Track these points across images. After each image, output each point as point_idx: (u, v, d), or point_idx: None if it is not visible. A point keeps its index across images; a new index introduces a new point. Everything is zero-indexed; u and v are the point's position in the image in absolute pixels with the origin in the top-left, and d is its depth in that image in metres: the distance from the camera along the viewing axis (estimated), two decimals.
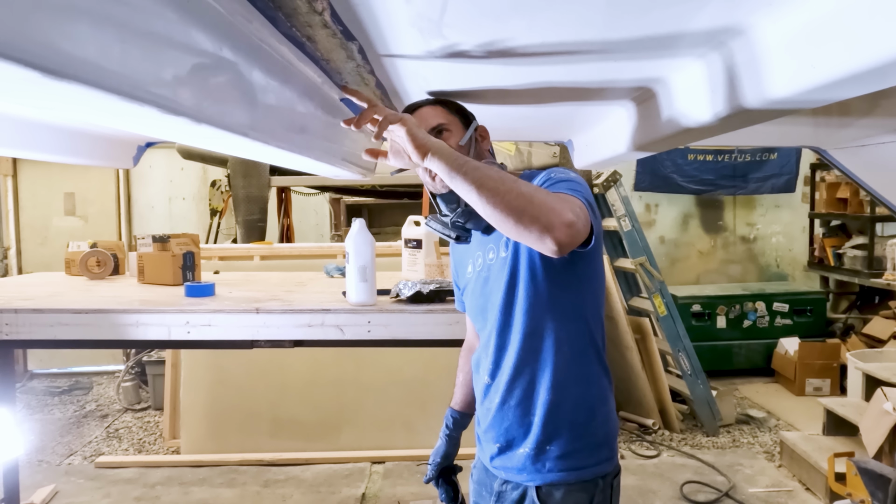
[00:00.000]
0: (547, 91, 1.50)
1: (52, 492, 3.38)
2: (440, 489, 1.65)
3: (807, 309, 5.43)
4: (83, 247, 2.86)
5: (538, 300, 1.30)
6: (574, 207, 1.12)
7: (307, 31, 1.05)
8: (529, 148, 4.61)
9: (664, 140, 1.50)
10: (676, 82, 1.36)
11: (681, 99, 1.35)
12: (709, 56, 1.18)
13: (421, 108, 1.38)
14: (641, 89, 1.49)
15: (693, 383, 4.22)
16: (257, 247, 4.14)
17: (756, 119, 1.18)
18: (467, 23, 1.03)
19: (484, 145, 1.43)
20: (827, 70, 0.85)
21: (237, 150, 1.32)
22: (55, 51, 0.58)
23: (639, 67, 1.30)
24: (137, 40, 0.71)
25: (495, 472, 1.40)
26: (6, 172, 5.79)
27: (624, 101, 1.61)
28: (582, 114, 1.80)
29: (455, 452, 1.65)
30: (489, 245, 1.38)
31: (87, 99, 0.65)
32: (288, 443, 3.76)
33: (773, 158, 5.72)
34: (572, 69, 1.31)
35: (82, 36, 0.62)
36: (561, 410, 1.31)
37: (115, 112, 0.75)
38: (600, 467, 1.33)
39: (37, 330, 1.95)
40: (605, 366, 1.38)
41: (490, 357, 1.39)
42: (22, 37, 0.54)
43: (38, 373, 5.73)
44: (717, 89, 1.16)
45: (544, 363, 1.32)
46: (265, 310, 1.94)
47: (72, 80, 0.60)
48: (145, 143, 2.54)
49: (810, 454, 3.37)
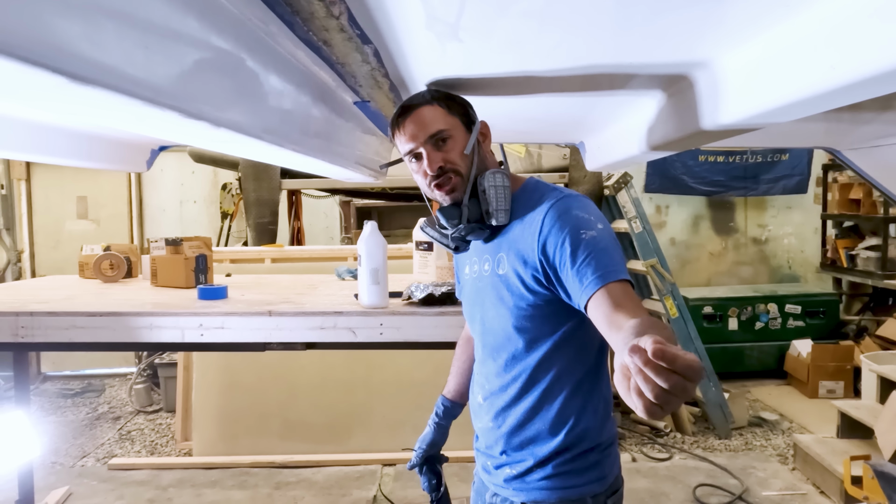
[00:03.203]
0: (567, 81, 1.41)
1: (66, 493, 3.40)
2: (423, 476, 1.62)
3: (819, 311, 5.39)
4: (96, 250, 2.88)
5: (535, 329, 1.24)
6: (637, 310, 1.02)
7: (323, 34, 1.05)
8: (539, 150, 4.61)
9: (696, 136, 1.41)
10: (725, 66, 1.21)
11: (729, 87, 1.19)
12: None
13: (419, 108, 1.25)
14: (677, 77, 1.37)
15: (705, 386, 4.20)
16: (268, 249, 4.15)
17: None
18: (484, 26, 1.03)
19: (486, 146, 1.33)
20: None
21: (253, 153, 1.33)
22: (81, 57, 0.59)
23: (676, 49, 1.16)
24: (160, 46, 0.72)
25: (487, 484, 1.40)
26: (20, 177, 5.84)
27: (654, 90, 1.49)
28: (598, 111, 1.78)
29: (442, 441, 1.62)
30: (485, 256, 1.32)
31: (111, 104, 0.66)
32: (299, 445, 3.77)
33: (784, 159, 5.69)
34: (597, 54, 1.22)
35: (107, 42, 0.63)
36: (554, 440, 1.26)
37: (138, 116, 0.75)
38: (589, 487, 1.27)
39: (52, 333, 1.97)
40: (606, 393, 1.31)
41: (484, 377, 1.36)
42: (49, 44, 0.55)
43: (51, 375, 5.77)
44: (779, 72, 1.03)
45: (541, 393, 1.26)
46: (277, 312, 1.95)
47: (97, 86, 0.61)
48: (159, 147, 2.56)
49: (824, 457, 3.34)
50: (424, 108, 1.26)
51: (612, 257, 1.10)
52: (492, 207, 1.24)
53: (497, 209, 1.24)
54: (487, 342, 1.33)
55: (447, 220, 1.29)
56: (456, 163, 1.26)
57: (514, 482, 1.31)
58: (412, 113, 1.26)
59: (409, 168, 1.33)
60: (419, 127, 1.25)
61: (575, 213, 1.16)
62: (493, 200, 1.24)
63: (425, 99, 1.27)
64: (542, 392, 1.26)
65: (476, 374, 1.43)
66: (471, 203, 1.26)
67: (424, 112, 1.25)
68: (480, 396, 1.38)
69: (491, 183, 1.25)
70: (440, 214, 1.29)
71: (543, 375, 1.25)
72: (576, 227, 1.13)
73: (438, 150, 1.25)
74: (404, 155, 1.30)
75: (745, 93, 1.14)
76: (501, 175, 1.27)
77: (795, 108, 1.04)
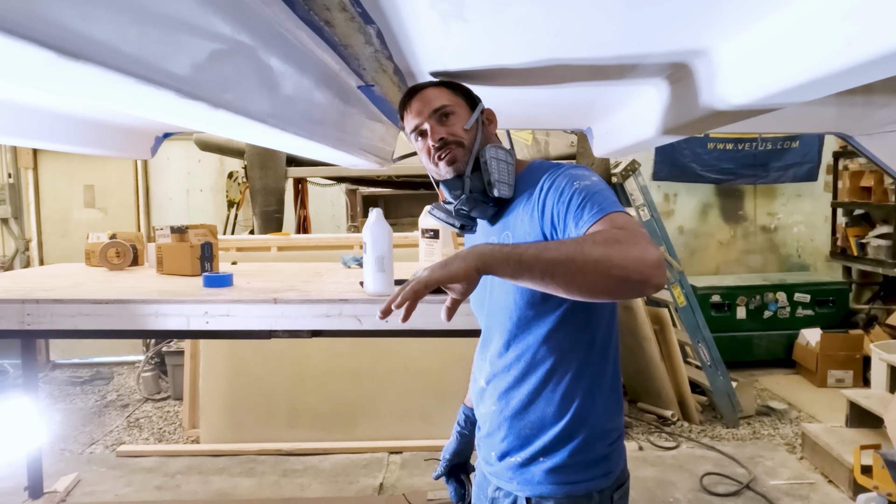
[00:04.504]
0: (572, 70, 1.43)
1: (75, 480, 3.43)
2: (449, 485, 1.61)
3: (829, 299, 5.35)
4: (103, 238, 2.88)
5: (540, 305, 1.21)
6: (641, 236, 1.00)
7: (325, 14, 1.03)
8: (546, 137, 4.57)
9: (699, 122, 1.42)
10: (722, 55, 1.24)
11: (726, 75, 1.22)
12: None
13: (425, 89, 1.32)
14: (677, 65, 1.39)
15: (713, 374, 4.17)
16: (274, 238, 4.14)
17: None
18: (490, 4, 1.01)
19: (490, 129, 1.36)
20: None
21: (255, 137, 1.31)
22: (71, 32, 0.57)
23: (674, 39, 1.20)
24: (155, 23, 0.70)
25: (490, 477, 1.36)
26: (27, 165, 5.85)
27: (655, 79, 1.52)
28: (604, 98, 1.76)
29: (467, 451, 1.60)
30: (491, 237, 1.31)
31: (103, 82, 0.64)
32: (306, 433, 3.78)
33: (794, 147, 5.62)
34: (601, 45, 1.25)
35: (99, 17, 0.61)
36: (559, 425, 1.23)
37: (132, 96, 0.73)
38: (595, 482, 1.24)
39: (58, 320, 1.97)
40: (614, 379, 1.29)
41: (487, 360, 1.34)
42: (37, 16, 0.53)
43: (60, 363, 5.81)
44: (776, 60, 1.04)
45: (544, 373, 1.24)
46: (283, 300, 1.94)
47: (88, 62, 0.59)
48: (163, 134, 2.54)
49: (833, 446, 3.32)
50: (430, 89, 1.32)
51: (606, 197, 1.12)
52: (494, 178, 1.26)
53: (499, 181, 1.26)
54: (491, 323, 1.32)
55: (450, 191, 1.30)
56: (459, 135, 1.29)
57: (518, 474, 1.28)
58: (418, 93, 1.32)
59: (415, 148, 1.36)
60: (424, 104, 1.30)
61: (571, 171, 1.21)
62: (496, 172, 1.26)
63: (431, 82, 1.36)
64: (546, 371, 1.24)
65: (477, 359, 1.42)
66: (473, 175, 1.28)
67: (429, 91, 1.32)
68: (483, 380, 1.36)
69: (492, 155, 1.28)
70: (443, 185, 1.32)
71: (548, 354, 1.23)
72: (570, 180, 1.17)
73: (442, 125, 1.29)
74: (410, 133, 1.34)
75: (758, 73, 1.11)
76: (505, 150, 1.30)
77: (807, 89, 1.01)
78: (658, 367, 4.21)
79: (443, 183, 1.31)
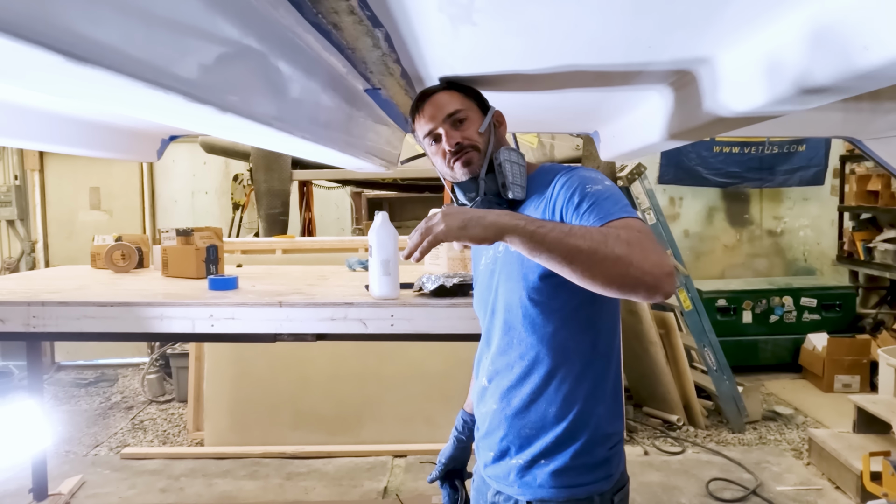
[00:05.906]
0: (578, 75, 1.44)
1: (79, 482, 3.43)
2: (443, 490, 1.60)
3: (835, 304, 5.32)
4: (108, 240, 2.88)
5: (545, 302, 1.22)
6: (656, 246, 1.03)
7: (333, 17, 1.03)
8: (552, 140, 4.56)
9: (703, 128, 1.43)
10: (725, 63, 1.26)
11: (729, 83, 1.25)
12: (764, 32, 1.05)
13: (436, 94, 1.33)
14: (680, 73, 1.41)
15: (718, 379, 4.15)
16: (279, 240, 4.15)
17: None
18: (499, 7, 1.00)
19: (501, 131, 1.38)
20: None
21: (263, 140, 1.31)
22: (78, 35, 0.56)
23: (680, 46, 1.21)
24: (162, 26, 0.70)
25: (489, 481, 1.35)
26: (33, 168, 5.87)
27: (659, 85, 1.53)
28: (611, 102, 1.75)
29: (463, 457, 1.59)
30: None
31: (110, 86, 0.64)
32: (310, 436, 3.77)
33: (801, 150, 5.60)
34: (607, 51, 1.25)
35: (107, 21, 0.60)
36: (560, 426, 1.23)
37: (140, 100, 0.73)
38: (597, 486, 1.24)
39: (63, 322, 1.96)
40: (616, 383, 1.29)
41: (489, 358, 1.34)
42: (44, 20, 0.52)
43: (65, 365, 5.82)
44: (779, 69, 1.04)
45: (546, 373, 1.23)
46: (288, 303, 1.93)
47: (95, 66, 0.58)
48: (169, 137, 2.55)
49: (840, 452, 3.29)
50: (441, 93, 1.34)
51: (616, 202, 1.13)
52: (508, 180, 1.28)
53: (514, 183, 1.28)
54: (495, 321, 1.32)
55: (464, 193, 1.32)
56: (474, 139, 1.32)
57: (519, 477, 1.27)
58: (430, 98, 1.33)
59: (427, 152, 1.38)
60: (437, 108, 1.31)
61: (582, 174, 1.22)
62: (510, 174, 1.28)
63: (442, 86, 1.37)
64: (548, 371, 1.23)
65: (480, 359, 1.42)
66: (488, 177, 1.30)
67: (441, 96, 1.33)
68: (485, 379, 1.35)
69: (507, 158, 1.30)
70: (457, 188, 1.33)
71: (550, 354, 1.23)
72: (582, 183, 1.18)
73: (456, 129, 1.31)
74: (423, 138, 1.35)
75: (759, 81, 1.10)
76: (517, 153, 1.32)
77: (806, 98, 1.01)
78: (664, 372, 4.19)
79: (457, 185, 1.33)
